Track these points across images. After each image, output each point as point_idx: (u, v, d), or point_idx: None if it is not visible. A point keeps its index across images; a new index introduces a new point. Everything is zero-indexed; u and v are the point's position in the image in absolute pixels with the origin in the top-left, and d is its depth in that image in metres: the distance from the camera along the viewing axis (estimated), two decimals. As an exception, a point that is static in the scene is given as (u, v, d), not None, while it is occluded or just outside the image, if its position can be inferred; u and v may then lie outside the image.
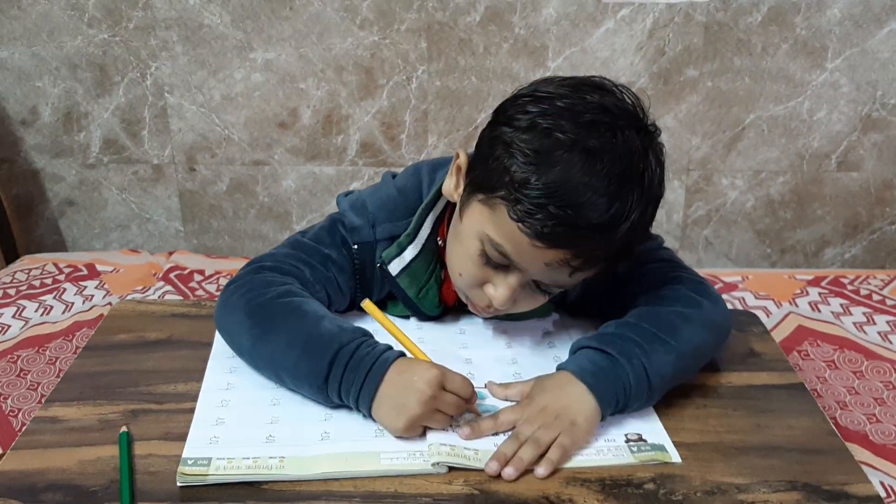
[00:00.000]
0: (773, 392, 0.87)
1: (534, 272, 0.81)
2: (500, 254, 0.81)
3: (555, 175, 0.75)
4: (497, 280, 0.83)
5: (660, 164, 0.82)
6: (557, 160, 0.76)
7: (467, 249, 0.84)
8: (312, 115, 1.93)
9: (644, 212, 0.79)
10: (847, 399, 1.30)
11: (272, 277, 0.91)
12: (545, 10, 1.80)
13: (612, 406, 0.81)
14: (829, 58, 1.85)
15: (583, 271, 0.80)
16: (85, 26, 1.85)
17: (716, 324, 0.90)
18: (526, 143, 0.78)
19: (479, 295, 0.86)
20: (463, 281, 0.87)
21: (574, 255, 0.77)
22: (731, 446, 0.78)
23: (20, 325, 1.54)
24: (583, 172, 0.75)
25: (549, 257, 0.78)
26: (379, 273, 0.96)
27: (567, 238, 0.76)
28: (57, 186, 2.03)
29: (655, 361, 0.82)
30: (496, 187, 0.79)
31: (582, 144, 0.76)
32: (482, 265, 0.83)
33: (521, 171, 0.77)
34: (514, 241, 0.79)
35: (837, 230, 2.04)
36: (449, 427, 0.78)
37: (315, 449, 0.75)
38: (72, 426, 0.82)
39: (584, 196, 0.75)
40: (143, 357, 0.93)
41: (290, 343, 0.83)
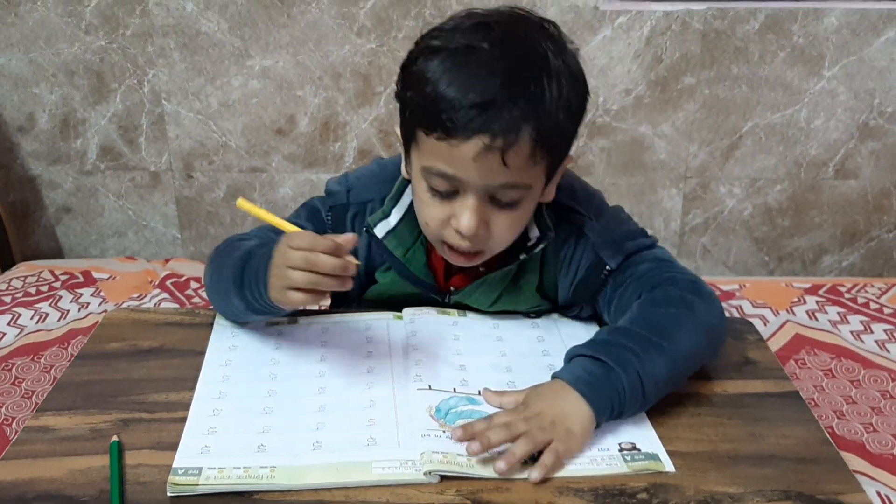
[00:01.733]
0: (768, 401, 0.87)
1: (475, 180, 0.82)
2: (440, 176, 0.83)
3: (442, 72, 0.80)
4: (456, 209, 0.85)
5: (562, 48, 0.84)
6: (443, 61, 0.80)
7: (421, 196, 0.88)
8: (310, 122, 1.93)
9: (551, 85, 0.80)
10: (844, 408, 1.30)
11: (236, 237, 1.01)
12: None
13: (606, 414, 0.80)
14: (827, 66, 1.85)
15: (517, 157, 0.80)
16: (82, 33, 1.85)
17: (710, 326, 0.90)
18: (416, 70, 0.83)
19: (451, 234, 0.88)
20: (432, 228, 0.89)
21: (492, 137, 0.78)
22: (726, 455, 0.78)
23: (15, 332, 1.53)
24: (467, 61, 0.80)
25: (472, 152, 0.79)
26: (365, 241, 1.00)
27: (471, 121, 0.78)
28: (54, 193, 2.02)
29: (649, 367, 0.82)
30: (410, 122, 0.85)
31: (465, 43, 0.81)
32: (437, 203, 0.86)
33: (416, 91, 0.82)
34: (441, 155, 0.82)
35: (835, 238, 2.04)
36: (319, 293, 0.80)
37: (306, 458, 0.74)
38: (63, 435, 0.81)
39: (473, 78, 0.79)
40: (135, 366, 0.93)
41: (224, 266, 0.93)
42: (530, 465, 0.75)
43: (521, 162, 0.81)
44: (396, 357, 0.91)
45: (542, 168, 0.85)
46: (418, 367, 0.88)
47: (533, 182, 0.85)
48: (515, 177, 0.82)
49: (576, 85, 0.84)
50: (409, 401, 0.83)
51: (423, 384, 0.85)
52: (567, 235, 0.97)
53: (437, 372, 0.88)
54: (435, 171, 0.83)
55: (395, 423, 0.79)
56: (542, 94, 0.80)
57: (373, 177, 1.03)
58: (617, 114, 1.91)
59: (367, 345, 0.94)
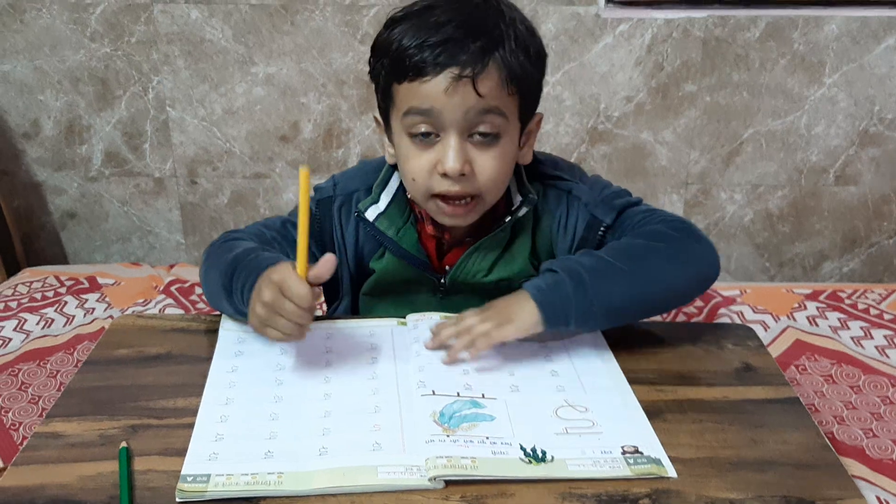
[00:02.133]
0: (769, 406, 0.88)
1: (453, 115, 0.88)
2: (418, 114, 0.89)
3: (405, 30, 0.88)
4: (439, 153, 0.90)
5: (514, 9, 0.93)
6: (405, 23, 0.89)
7: (405, 153, 0.93)
8: (313, 128, 1.94)
9: (508, 30, 0.88)
10: (844, 414, 1.31)
11: (229, 236, 1.04)
12: (544, 25, 1.82)
13: (553, 319, 0.89)
14: (827, 73, 1.86)
15: (488, 82, 0.87)
16: (87, 40, 1.86)
17: (689, 257, 0.96)
18: (382, 39, 0.91)
19: (438, 182, 0.92)
20: (419, 182, 0.94)
21: (461, 68, 0.85)
22: (727, 461, 0.79)
23: (21, 338, 1.54)
24: (427, 15, 0.88)
25: (444, 84, 0.86)
26: (355, 231, 1.05)
27: (438, 56, 0.85)
28: (58, 199, 2.04)
29: (604, 285, 0.90)
30: (385, 85, 0.92)
31: (424, 4, 0.90)
32: (421, 152, 0.92)
33: (385, 54, 0.90)
34: (416, 94, 0.88)
35: (835, 244, 2.05)
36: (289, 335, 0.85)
37: (313, 464, 0.75)
38: (72, 441, 0.82)
39: (434, 26, 0.87)
40: (143, 372, 0.94)
41: (216, 268, 0.96)
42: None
43: (492, 87, 0.87)
44: (400, 363, 0.92)
45: (514, 103, 0.91)
46: (421, 373, 0.89)
47: (507, 112, 0.90)
48: (490, 102, 0.88)
49: (532, 37, 0.92)
50: (413, 407, 0.83)
51: (426, 390, 0.86)
52: (558, 202, 1.04)
53: (440, 377, 0.88)
54: (413, 110, 0.89)
55: (401, 428, 0.80)
56: (501, 34, 0.88)
57: (357, 171, 1.09)
58: (618, 120, 1.92)
59: (371, 351, 0.95)
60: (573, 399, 0.86)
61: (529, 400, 0.85)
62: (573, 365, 0.92)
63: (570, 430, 0.81)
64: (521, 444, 0.78)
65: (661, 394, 0.88)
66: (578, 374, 0.91)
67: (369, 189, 1.04)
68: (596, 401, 0.86)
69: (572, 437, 0.80)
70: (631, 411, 0.85)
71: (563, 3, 1.81)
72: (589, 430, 0.81)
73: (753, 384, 0.91)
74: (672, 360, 0.96)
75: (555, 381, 0.89)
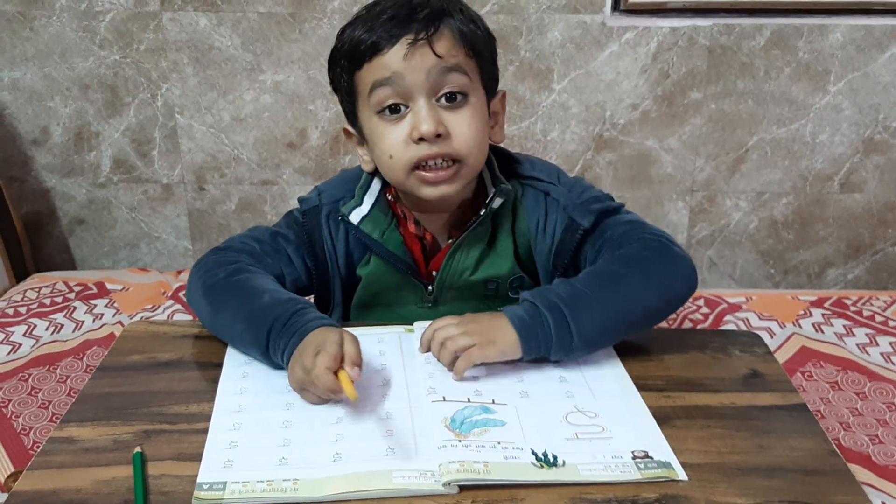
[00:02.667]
0: (776, 413, 0.88)
1: (416, 79, 0.91)
2: (384, 85, 0.92)
3: (356, 23, 0.94)
4: (412, 121, 0.93)
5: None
6: (356, 19, 0.95)
7: (378, 132, 0.95)
8: (321, 135, 1.95)
9: (454, 6, 0.94)
10: (850, 420, 1.31)
11: (223, 257, 1.03)
12: (550, 33, 1.83)
13: (533, 350, 0.90)
14: (832, 81, 1.87)
15: (444, 42, 0.91)
16: (97, 48, 1.88)
17: (662, 282, 0.97)
18: (337, 43, 0.97)
19: (415, 150, 0.94)
20: (396, 155, 0.95)
21: (415, 34, 0.90)
22: (734, 467, 0.79)
23: (31, 343, 1.55)
24: (375, 5, 0.94)
25: (402, 52, 0.90)
26: (344, 239, 1.07)
27: (391, 30, 0.90)
28: (67, 205, 2.05)
29: (583, 318, 0.90)
30: (348, 79, 0.96)
31: (360, 11, 0.95)
32: (393, 127, 0.94)
33: (342, 52, 0.95)
34: (378, 69, 0.92)
35: (840, 251, 2.05)
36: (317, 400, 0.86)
37: (327, 470, 0.76)
38: (86, 446, 0.83)
39: (374, 11, 0.93)
40: (155, 378, 0.95)
41: (234, 318, 0.95)
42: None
43: (448, 46, 0.91)
44: (410, 370, 0.93)
45: (474, 66, 0.95)
46: (431, 379, 0.90)
47: (469, 72, 0.94)
48: (449, 61, 0.91)
49: (479, 18, 0.97)
50: (424, 413, 0.84)
51: (437, 396, 0.87)
52: (536, 203, 1.05)
53: (450, 383, 0.89)
54: (377, 83, 0.92)
55: (413, 435, 0.81)
56: (447, 8, 0.93)
57: (339, 180, 1.11)
58: (624, 128, 1.93)
59: (380, 357, 0.95)
60: (582, 405, 0.87)
61: (539, 406, 0.86)
62: (581, 370, 0.93)
63: (580, 436, 0.82)
64: (532, 448, 0.79)
65: (669, 400, 0.89)
66: (586, 379, 0.92)
67: (353, 195, 1.06)
68: (605, 406, 0.87)
69: (583, 442, 0.81)
70: (640, 416, 0.86)
71: (569, 11, 1.82)
72: (599, 436, 0.82)
73: (761, 390, 0.92)
74: (680, 366, 0.96)
75: (563, 387, 0.90)
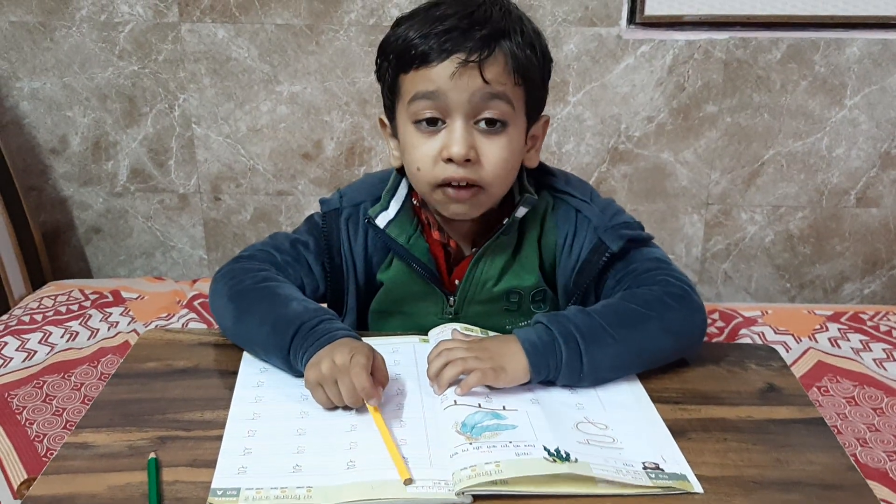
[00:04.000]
0: (793, 427, 0.88)
1: (459, 98, 0.89)
2: (424, 98, 0.90)
3: (411, 24, 0.91)
4: (444, 140, 0.92)
5: (522, 13, 0.95)
6: (411, 19, 0.92)
7: (411, 142, 0.94)
8: (336, 146, 1.96)
9: (514, 24, 0.91)
10: (867, 436, 1.30)
11: (250, 265, 1.03)
12: (566, 46, 1.83)
13: (541, 374, 0.89)
14: (849, 95, 1.87)
15: (494, 68, 0.89)
16: (116, 58, 1.90)
17: (678, 332, 0.96)
18: (389, 36, 0.95)
19: (443, 169, 0.93)
20: (424, 170, 0.94)
21: (467, 53, 0.87)
22: (751, 481, 0.79)
23: (46, 350, 1.56)
24: (434, 9, 0.91)
25: (450, 69, 0.88)
26: (363, 240, 1.06)
27: (445, 43, 0.88)
28: (84, 214, 2.06)
29: (595, 351, 0.90)
30: (392, 78, 0.95)
31: (418, 9, 0.93)
32: (427, 139, 0.93)
33: (392, 49, 0.93)
34: (422, 80, 0.90)
35: (856, 266, 2.04)
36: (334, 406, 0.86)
37: (341, 478, 0.76)
38: (101, 452, 0.83)
39: (441, 17, 0.89)
40: (170, 385, 0.95)
41: (262, 322, 0.94)
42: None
43: (498, 73, 0.89)
44: (424, 379, 0.92)
45: (520, 95, 0.92)
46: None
47: (513, 101, 0.91)
48: (495, 87, 0.89)
49: (538, 37, 0.94)
50: (437, 420, 0.84)
51: (449, 401, 0.86)
52: (566, 218, 1.04)
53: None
54: (419, 94, 0.90)
55: (427, 443, 0.81)
56: (508, 26, 0.90)
57: (362, 183, 1.10)
58: (639, 141, 1.93)
59: (394, 366, 0.95)
60: (592, 416, 0.87)
61: (550, 412, 0.86)
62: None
63: (591, 442, 0.81)
64: (544, 445, 0.78)
65: (686, 413, 0.89)
66: (597, 390, 0.92)
67: (376, 200, 1.05)
68: (616, 419, 0.86)
69: (594, 447, 0.80)
70: (653, 427, 0.86)
71: (586, 24, 1.82)
72: (610, 445, 0.82)
73: (778, 404, 0.91)
74: (696, 379, 0.96)
75: (574, 399, 0.90)
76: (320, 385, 0.86)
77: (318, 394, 0.86)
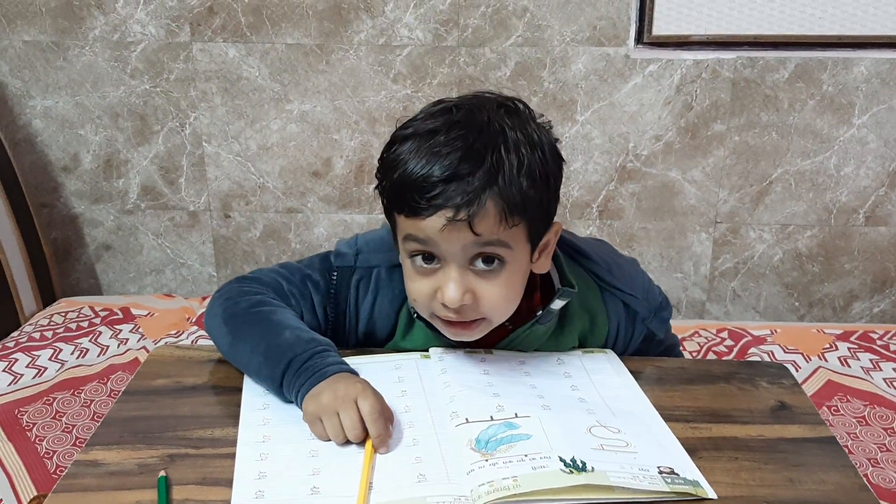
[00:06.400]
0: (805, 445, 0.87)
1: (450, 249, 0.86)
2: (417, 242, 0.87)
3: (408, 156, 0.86)
4: (440, 281, 0.89)
5: (524, 122, 0.89)
6: (410, 145, 0.86)
7: (408, 273, 0.92)
8: (345, 164, 1.97)
9: (509, 156, 0.85)
10: (878, 456, 1.29)
11: (248, 287, 1.01)
12: (574, 65, 1.84)
13: None
14: (857, 114, 1.87)
15: (484, 222, 0.84)
16: (128, 77, 1.91)
17: None
18: (388, 156, 0.89)
19: (439, 308, 0.90)
20: (420, 304, 0.92)
21: (455, 210, 0.83)
22: (763, 500, 0.78)
23: (56, 367, 1.57)
24: (429, 143, 0.85)
25: (439, 224, 0.84)
26: (371, 302, 1.03)
27: (434, 198, 0.83)
28: (95, 231, 2.07)
29: None
30: (387, 207, 0.91)
31: (430, 127, 0.86)
32: (423, 278, 0.90)
33: (388, 177, 0.88)
34: (413, 227, 0.87)
35: (866, 285, 2.03)
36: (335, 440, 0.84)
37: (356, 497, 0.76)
38: (111, 470, 0.83)
39: (435, 157, 0.84)
40: (180, 402, 0.95)
41: (254, 350, 0.93)
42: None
43: (489, 226, 0.84)
44: (431, 395, 0.92)
45: (521, 232, 0.88)
46: (453, 403, 0.89)
47: (511, 242, 0.87)
48: (489, 237, 0.85)
49: (539, 154, 0.87)
50: (450, 438, 0.84)
51: (460, 419, 0.86)
52: (615, 311, 1.04)
53: (471, 404, 0.89)
54: (411, 238, 0.88)
55: (442, 460, 0.80)
56: (501, 163, 0.84)
57: (381, 242, 1.05)
58: (647, 159, 1.94)
59: (399, 384, 0.95)
60: (605, 421, 0.86)
61: (562, 418, 0.86)
62: (598, 392, 0.93)
63: (605, 448, 0.81)
64: (560, 455, 0.78)
65: (696, 431, 0.88)
66: (604, 399, 0.92)
67: (390, 266, 1.02)
68: (627, 424, 0.86)
69: (608, 453, 0.80)
70: (663, 436, 0.86)
71: (594, 43, 1.83)
72: (624, 450, 0.81)
73: (789, 423, 0.91)
74: (706, 397, 0.96)
75: (584, 406, 0.90)
76: (319, 419, 0.85)
77: (316, 427, 0.85)
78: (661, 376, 0.99)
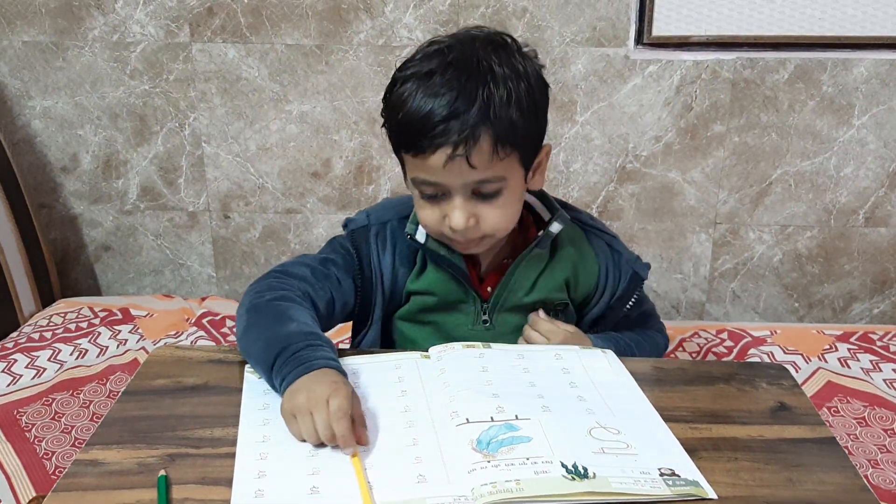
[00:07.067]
0: (805, 446, 0.87)
1: (454, 181, 0.96)
2: (424, 184, 0.98)
3: (408, 97, 0.94)
4: (446, 209, 0.99)
5: (510, 54, 0.97)
6: (409, 87, 0.95)
7: (417, 202, 1.03)
8: (345, 165, 1.97)
9: (498, 89, 0.94)
10: (878, 457, 1.29)
11: (278, 283, 1.06)
12: (574, 66, 1.84)
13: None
14: (856, 115, 1.87)
15: (480, 156, 0.94)
16: (127, 77, 1.91)
17: (658, 354, 1.20)
18: (391, 98, 0.98)
19: (447, 231, 1.01)
20: (431, 228, 1.03)
21: (453, 147, 0.93)
22: (763, 500, 0.78)
23: (55, 367, 1.57)
24: (426, 84, 0.94)
25: (440, 161, 0.94)
26: (391, 251, 1.11)
27: (434, 137, 0.93)
28: (94, 232, 2.07)
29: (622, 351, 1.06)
30: (394, 145, 1.01)
31: (426, 69, 0.94)
32: (430, 206, 1.01)
33: (392, 117, 0.98)
34: (420, 167, 0.97)
35: (865, 286, 2.03)
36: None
37: (360, 500, 0.75)
38: (111, 469, 0.83)
39: (432, 98, 0.93)
40: (180, 402, 0.95)
41: (259, 336, 0.97)
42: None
43: (485, 160, 0.95)
44: (430, 395, 0.92)
45: (514, 160, 0.98)
46: (453, 403, 0.89)
47: (506, 173, 0.98)
48: (486, 173, 0.96)
49: (524, 84, 0.97)
50: (449, 438, 0.84)
51: (460, 419, 0.86)
52: (601, 250, 1.13)
53: (471, 404, 0.89)
54: (419, 180, 0.99)
55: (442, 461, 0.80)
56: (491, 98, 0.93)
57: (385, 204, 1.17)
58: (647, 160, 1.94)
59: (399, 384, 0.95)
60: (604, 421, 0.86)
61: (562, 420, 0.86)
62: (598, 392, 0.93)
63: (606, 451, 0.81)
64: (561, 461, 0.78)
65: (696, 432, 0.88)
66: (603, 398, 0.92)
67: (401, 218, 1.11)
68: (627, 425, 0.86)
69: (609, 456, 0.80)
70: (663, 436, 0.86)
71: (594, 44, 1.83)
72: (624, 452, 0.81)
73: (789, 423, 0.91)
74: (706, 398, 0.96)
75: (584, 405, 0.90)
76: (294, 417, 0.85)
77: (292, 426, 0.86)
78: (661, 377, 0.99)
